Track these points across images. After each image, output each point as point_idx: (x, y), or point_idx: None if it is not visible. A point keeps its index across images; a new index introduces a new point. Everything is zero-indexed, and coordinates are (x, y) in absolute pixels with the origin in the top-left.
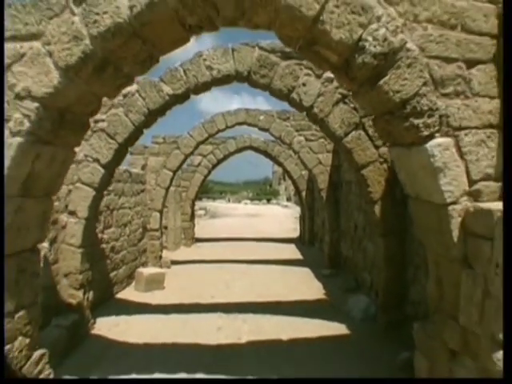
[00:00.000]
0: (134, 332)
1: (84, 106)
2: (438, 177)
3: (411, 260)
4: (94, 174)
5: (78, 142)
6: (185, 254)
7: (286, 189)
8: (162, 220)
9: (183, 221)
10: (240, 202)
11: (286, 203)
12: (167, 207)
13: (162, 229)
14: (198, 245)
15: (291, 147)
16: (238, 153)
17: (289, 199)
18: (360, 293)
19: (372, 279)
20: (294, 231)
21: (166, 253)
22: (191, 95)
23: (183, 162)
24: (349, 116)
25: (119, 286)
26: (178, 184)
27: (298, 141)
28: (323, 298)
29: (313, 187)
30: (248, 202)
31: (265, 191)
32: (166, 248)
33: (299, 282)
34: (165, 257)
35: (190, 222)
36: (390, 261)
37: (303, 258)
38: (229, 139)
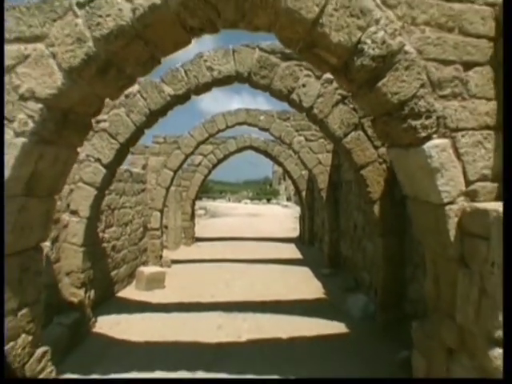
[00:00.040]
0: (135, 330)
1: (87, 107)
2: (436, 177)
3: (410, 259)
4: (96, 173)
5: (80, 142)
6: (185, 254)
7: (286, 189)
8: (163, 219)
9: (183, 220)
10: (240, 202)
11: (286, 203)
12: (168, 207)
13: (162, 228)
14: (198, 244)
15: (291, 147)
16: (238, 152)
17: (289, 199)
18: (359, 292)
19: (371, 278)
20: (293, 231)
21: (166, 252)
22: (192, 96)
23: (184, 161)
24: (348, 117)
25: (120, 284)
26: (178, 183)
27: (298, 141)
28: (323, 297)
29: (313, 187)
30: (248, 201)
31: (265, 191)
32: (167, 247)
33: (299, 281)
34: (165, 256)
35: (190, 221)
36: (388, 260)
37: (303, 258)
38: (229, 139)
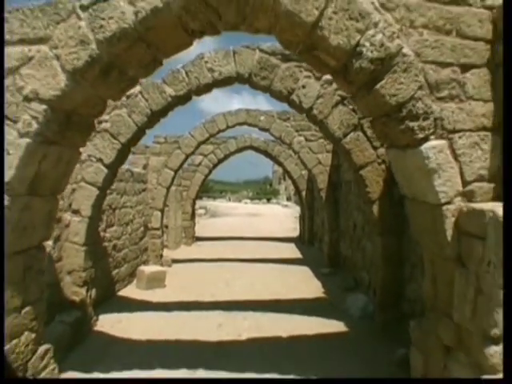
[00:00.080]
0: (135, 329)
1: (90, 108)
2: (433, 178)
3: (408, 259)
4: (98, 173)
5: (83, 143)
6: (185, 253)
7: (286, 188)
8: (163, 219)
9: (184, 220)
10: (240, 202)
11: (286, 203)
12: (168, 206)
13: (163, 228)
14: (198, 244)
15: (291, 147)
16: (238, 152)
17: (289, 199)
18: (358, 291)
19: (370, 278)
20: (293, 231)
21: (166, 251)
22: (193, 96)
23: (184, 161)
24: (348, 117)
25: (121, 283)
26: (179, 183)
27: (298, 141)
28: (322, 296)
29: (312, 187)
30: (248, 201)
31: (265, 191)
32: (167, 247)
33: (299, 280)
34: (166, 255)
35: (190, 221)
36: (387, 260)
37: (303, 257)
38: (229, 139)
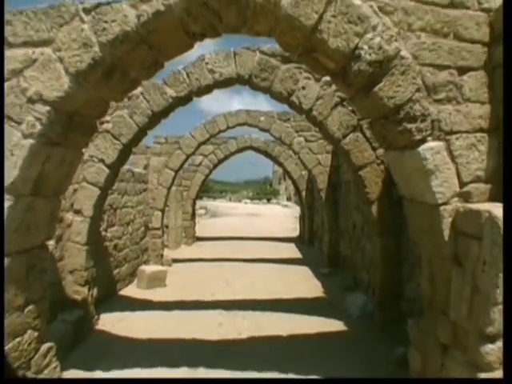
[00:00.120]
0: (137, 328)
1: (92, 110)
2: (430, 179)
3: (407, 259)
4: (99, 173)
5: (85, 144)
6: (186, 253)
7: (286, 189)
8: (164, 219)
9: (184, 220)
10: (240, 202)
11: (286, 203)
12: (169, 206)
13: (163, 227)
14: (198, 243)
15: (291, 148)
16: (238, 153)
17: (289, 199)
18: (358, 291)
19: (369, 278)
20: (293, 231)
21: (167, 251)
22: (194, 97)
23: (185, 161)
24: (347, 118)
25: (122, 283)
26: (179, 183)
27: (298, 141)
28: (322, 296)
29: (312, 187)
30: (248, 201)
31: (265, 191)
32: (168, 246)
33: (298, 280)
34: (166, 255)
35: (190, 220)
36: (386, 260)
37: (303, 257)
38: (230, 139)
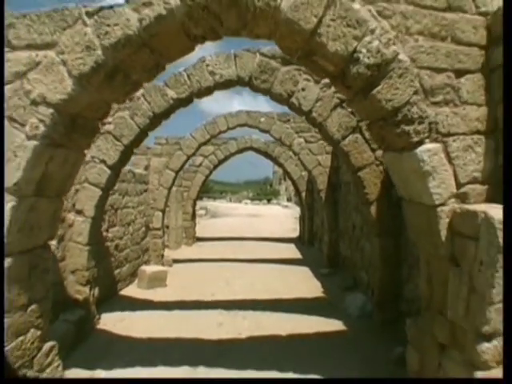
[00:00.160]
0: (137, 327)
1: (94, 111)
2: (428, 180)
3: (405, 259)
4: (101, 174)
5: (88, 145)
6: (186, 253)
7: (286, 189)
8: (164, 219)
9: (184, 220)
10: (240, 202)
11: (287, 203)
12: (169, 207)
13: (164, 228)
14: (198, 244)
15: (291, 149)
16: (238, 153)
17: (289, 199)
18: (357, 291)
19: (369, 278)
20: (293, 231)
21: (167, 251)
22: (194, 99)
23: (185, 162)
24: (346, 120)
25: (123, 283)
26: (179, 184)
27: (298, 142)
28: (321, 296)
29: (312, 188)
30: (248, 201)
31: (265, 191)
32: (168, 247)
33: (298, 280)
34: (167, 255)
35: (191, 221)
36: (385, 260)
37: (302, 258)
38: (230, 140)
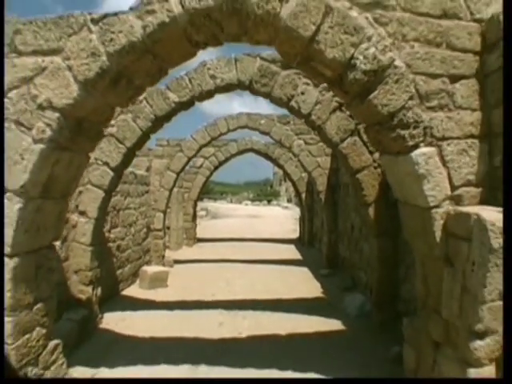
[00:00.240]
0: (139, 327)
1: (99, 116)
2: (422, 183)
3: (403, 260)
4: (104, 176)
5: (92, 148)
6: (187, 254)
7: (286, 190)
8: (165, 220)
9: (185, 221)
10: (241, 203)
11: (287, 204)
12: (170, 208)
13: (165, 229)
14: (199, 245)
15: (291, 150)
16: (239, 155)
17: (289, 200)
18: (356, 291)
19: (367, 278)
20: (293, 232)
21: (168, 252)
22: (195, 102)
23: (186, 164)
24: (345, 123)
25: (124, 283)
26: (180, 185)
27: (298, 144)
28: (321, 296)
29: (312, 189)
30: (249, 202)
31: (265, 192)
32: (169, 248)
33: (298, 281)
34: (168, 256)
35: (191, 222)
36: (383, 261)
37: (302, 259)
38: (230, 142)
